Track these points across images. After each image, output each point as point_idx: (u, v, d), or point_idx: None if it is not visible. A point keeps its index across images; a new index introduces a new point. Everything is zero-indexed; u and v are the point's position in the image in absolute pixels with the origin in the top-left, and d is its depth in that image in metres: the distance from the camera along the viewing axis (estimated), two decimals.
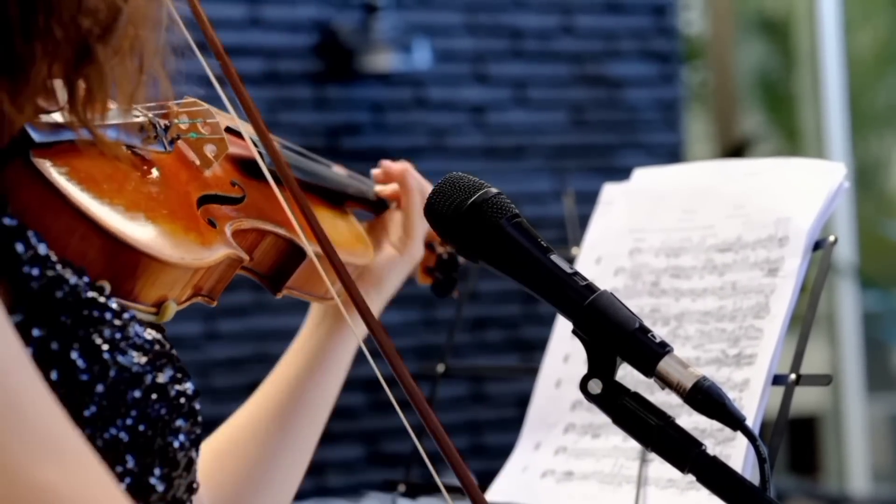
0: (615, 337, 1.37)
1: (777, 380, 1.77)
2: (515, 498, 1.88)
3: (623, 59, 6.03)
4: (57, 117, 1.28)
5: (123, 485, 1.21)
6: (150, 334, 1.27)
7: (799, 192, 1.86)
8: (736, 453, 1.74)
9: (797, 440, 7.33)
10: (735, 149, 6.81)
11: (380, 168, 1.82)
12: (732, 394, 1.76)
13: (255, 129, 1.48)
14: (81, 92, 1.24)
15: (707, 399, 1.35)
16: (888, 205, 8.44)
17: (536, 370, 1.95)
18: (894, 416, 7.87)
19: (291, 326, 1.72)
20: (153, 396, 1.23)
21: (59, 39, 1.20)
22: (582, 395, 1.39)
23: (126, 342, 1.23)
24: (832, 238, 1.81)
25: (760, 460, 1.37)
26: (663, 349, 1.37)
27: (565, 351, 1.93)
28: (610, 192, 2.03)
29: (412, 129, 5.62)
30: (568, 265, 1.41)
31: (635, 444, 1.64)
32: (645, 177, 2.05)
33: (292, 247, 1.56)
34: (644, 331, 1.38)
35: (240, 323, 5.23)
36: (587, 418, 1.89)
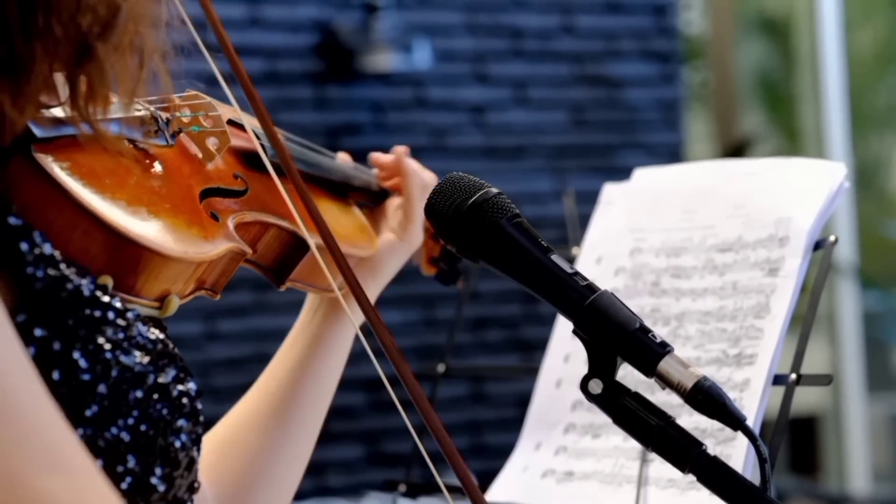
0: (616, 337, 1.37)
1: (777, 380, 1.77)
2: (515, 498, 1.88)
3: (623, 59, 6.03)
4: (58, 112, 1.27)
5: (124, 484, 1.20)
6: (154, 334, 1.26)
7: (799, 192, 1.86)
8: (736, 453, 1.74)
9: (797, 440, 7.33)
10: (735, 149, 6.80)
11: (375, 168, 1.82)
12: (733, 394, 1.76)
13: (259, 120, 1.47)
14: (83, 88, 1.24)
15: (707, 399, 1.35)
16: (888, 205, 8.44)
17: (537, 370, 1.95)
18: (894, 416, 7.87)
19: (291, 326, 1.71)
20: (155, 396, 1.23)
21: (59, 38, 1.20)
22: (582, 395, 1.39)
23: (129, 342, 1.23)
24: (832, 238, 1.81)
25: (761, 460, 1.37)
26: (664, 349, 1.37)
27: (566, 351, 1.93)
28: (610, 192, 2.03)
29: (412, 129, 5.62)
30: (568, 265, 1.41)
31: (636, 445, 1.64)
32: (645, 177, 2.05)
33: (295, 239, 1.56)
34: (644, 331, 1.38)
35: (240, 323, 5.23)
36: (587, 418, 1.89)
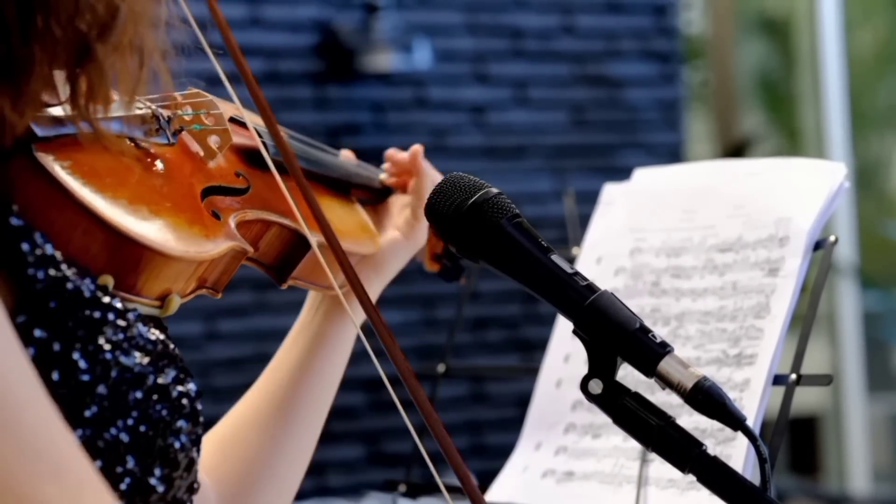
0: (616, 337, 1.37)
1: (777, 380, 1.77)
2: (516, 498, 1.88)
3: (623, 59, 6.03)
4: (58, 111, 1.27)
5: (123, 485, 1.20)
6: (154, 334, 1.26)
7: (799, 192, 1.86)
8: (736, 453, 1.74)
9: (797, 440, 7.33)
10: (735, 149, 6.80)
11: (387, 161, 1.81)
12: (733, 394, 1.76)
13: (263, 118, 1.46)
14: (83, 87, 1.24)
15: (708, 399, 1.35)
16: (888, 205, 8.44)
17: (537, 370, 1.95)
18: (894, 416, 7.87)
19: (292, 326, 1.71)
20: (154, 397, 1.23)
21: (58, 39, 1.20)
22: (582, 395, 1.39)
23: (129, 343, 1.23)
24: (832, 238, 1.81)
25: (761, 460, 1.37)
26: (664, 349, 1.37)
27: (566, 351, 1.93)
28: (610, 192, 2.03)
29: (412, 129, 5.62)
30: (568, 265, 1.41)
31: (636, 445, 1.64)
32: (645, 177, 2.05)
33: (297, 237, 1.55)
34: (645, 331, 1.38)
35: (240, 323, 5.23)
36: (588, 418, 1.88)
